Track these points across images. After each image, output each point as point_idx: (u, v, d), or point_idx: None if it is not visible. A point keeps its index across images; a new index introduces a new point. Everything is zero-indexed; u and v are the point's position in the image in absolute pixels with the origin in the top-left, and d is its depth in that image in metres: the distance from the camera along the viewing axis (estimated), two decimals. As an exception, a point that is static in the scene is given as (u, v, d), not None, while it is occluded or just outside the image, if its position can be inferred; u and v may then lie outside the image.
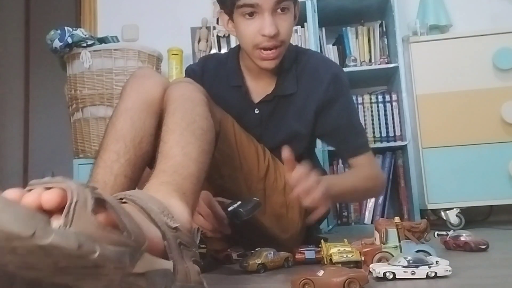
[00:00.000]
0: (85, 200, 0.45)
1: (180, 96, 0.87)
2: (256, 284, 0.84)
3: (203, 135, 0.81)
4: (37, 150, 3.70)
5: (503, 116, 1.91)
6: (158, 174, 0.72)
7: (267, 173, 1.15)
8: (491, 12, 2.37)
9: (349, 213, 2.20)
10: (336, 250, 0.88)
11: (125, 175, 0.84)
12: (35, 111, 3.76)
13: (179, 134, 0.78)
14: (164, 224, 0.58)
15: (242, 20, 1.10)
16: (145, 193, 0.65)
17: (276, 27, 1.07)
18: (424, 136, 1.98)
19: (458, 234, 1.14)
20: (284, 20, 1.10)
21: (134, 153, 0.86)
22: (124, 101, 0.92)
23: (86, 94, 2.06)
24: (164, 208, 0.60)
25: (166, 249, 0.57)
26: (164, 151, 0.76)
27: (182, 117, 0.82)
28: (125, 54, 2.06)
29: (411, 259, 0.77)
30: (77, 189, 0.45)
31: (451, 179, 1.92)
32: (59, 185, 0.46)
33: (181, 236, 0.60)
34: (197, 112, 0.84)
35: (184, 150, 0.76)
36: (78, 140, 2.10)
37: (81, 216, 0.44)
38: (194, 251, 0.62)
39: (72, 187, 0.45)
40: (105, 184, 0.81)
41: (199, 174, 0.75)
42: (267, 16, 1.07)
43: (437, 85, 2.00)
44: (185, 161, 0.74)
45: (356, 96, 2.26)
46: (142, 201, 0.59)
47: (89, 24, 2.66)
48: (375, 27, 2.32)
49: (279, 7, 1.08)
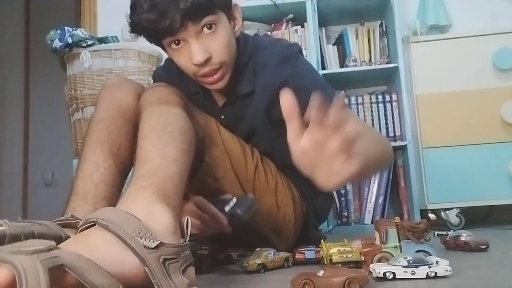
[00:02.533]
0: (38, 280, 0.41)
1: (155, 100, 0.86)
2: (256, 284, 0.84)
3: (182, 135, 0.80)
4: (37, 150, 3.70)
5: (503, 116, 1.91)
6: (135, 180, 0.70)
7: (256, 174, 1.12)
8: (491, 12, 2.37)
9: (349, 213, 2.19)
10: (336, 250, 0.88)
11: (106, 183, 0.84)
12: (35, 111, 3.76)
13: (155, 137, 0.77)
14: (141, 248, 0.56)
15: (171, 51, 1.01)
16: (120, 211, 0.62)
17: (205, 51, 0.96)
18: (424, 136, 1.98)
19: (458, 234, 1.14)
20: (214, 39, 0.97)
21: (114, 161, 0.87)
22: (98, 113, 0.93)
23: (86, 94, 2.06)
24: (140, 227, 0.58)
25: (149, 275, 0.55)
26: (141, 157, 0.75)
27: (157, 120, 0.80)
28: (125, 54, 2.06)
29: (411, 259, 0.77)
30: (25, 270, 0.41)
31: (451, 179, 1.92)
32: (5, 265, 0.42)
33: (164, 252, 0.58)
34: (173, 113, 0.83)
35: (162, 152, 0.74)
36: (78, 140, 2.10)
37: None
38: (183, 257, 0.61)
39: (19, 268, 0.41)
40: (86, 195, 0.81)
41: (180, 174, 0.74)
42: (192, 44, 0.96)
43: (437, 85, 2.00)
44: (163, 163, 0.73)
45: (356, 96, 2.26)
46: (116, 226, 0.57)
47: (89, 24, 2.65)
48: (375, 27, 2.32)
49: (203, 27, 0.96)
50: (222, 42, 0.99)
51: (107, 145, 0.88)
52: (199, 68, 0.99)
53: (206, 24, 0.96)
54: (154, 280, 0.55)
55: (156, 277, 0.56)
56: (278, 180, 1.16)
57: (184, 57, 0.99)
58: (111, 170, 0.86)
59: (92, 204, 0.80)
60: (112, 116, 0.91)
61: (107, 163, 0.86)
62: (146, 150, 0.75)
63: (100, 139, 0.88)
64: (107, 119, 0.91)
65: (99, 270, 0.49)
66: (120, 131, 0.90)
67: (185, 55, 0.98)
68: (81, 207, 0.79)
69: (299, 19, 2.26)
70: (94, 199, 0.80)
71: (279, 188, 1.15)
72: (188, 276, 0.61)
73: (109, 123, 0.90)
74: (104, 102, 0.94)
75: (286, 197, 1.17)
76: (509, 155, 1.89)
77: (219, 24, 0.98)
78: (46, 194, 3.56)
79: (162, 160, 0.73)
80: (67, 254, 0.48)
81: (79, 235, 0.60)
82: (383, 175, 2.17)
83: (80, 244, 0.56)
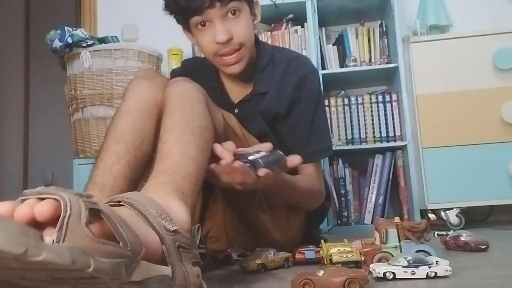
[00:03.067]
0: (79, 212, 0.44)
1: (178, 95, 0.87)
2: (256, 284, 0.84)
3: (202, 134, 0.81)
4: (37, 150, 3.70)
5: (503, 116, 1.91)
6: (157, 174, 0.72)
7: None
8: (491, 12, 2.37)
9: (349, 213, 2.20)
10: (336, 250, 0.88)
11: (124, 176, 0.84)
12: (35, 111, 3.76)
13: (177, 134, 0.78)
14: (162, 228, 0.58)
15: (197, 31, 1.12)
16: (143, 195, 0.64)
17: (228, 32, 1.08)
18: (424, 136, 1.98)
19: (458, 234, 1.14)
20: (237, 23, 1.10)
21: (135, 155, 0.86)
22: (126, 103, 0.93)
23: (86, 94, 2.06)
24: (162, 211, 0.60)
25: (165, 253, 0.57)
26: (163, 151, 0.76)
27: (180, 116, 0.82)
28: (125, 54, 2.06)
29: (411, 259, 0.77)
30: (71, 200, 0.44)
31: (451, 179, 1.92)
32: (52, 196, 0.45)
33: (179, 239, 0.59)
34: (195, 110, 0.84)
35: (183, 149, 0.76)
36: (78, 140, 2.10)
37: (75, 229, 0.43)
38: (194, 252, 0.62)
39: (66, 198, 0.44)
40: (104, 186, 0.81)
41: (198, 173, 0.76)
42: (217, 24, 1.08)
43: (437, 85, 2.00)
44: (184, 161, 0.74)
45: (356, 96, 2.26)
46: (140, 205, 0.59)
47: (89, 24, 2.66)
48: (375, 27, 2.32)
49: (229, 11, 1.09)
50: (244, 27, 1.12)
51: (131, 138, 0.87)
52: (220, 47, 1.10)
53: (231, 9, 1.09)
54: (169, 259, 0.57)
55: (171, 257, 0.57)
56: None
57: (208, 37, 1.11)
58: (131, 164, 0.85)
59: (108, 196, 0.80)
60: (139, 109, 0.91)
61: (128, 156, 0.85)
62: (168, 145, 0.77)
63: (124, 131, 0.88)
64: (133, 111, 0.90)
65: (129, 227, 0.51)
66: (145, 126, 0.90)
67: (209, 35, 1.10)
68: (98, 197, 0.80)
69: (299, 19, 2.26)
70: (111, 192, 0.80)
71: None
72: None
73: (135, 116, 0.90)
74: (134, 93, 0.94)
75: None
76: (509, 155, 1.90)
77: (243, 12, 1.12)
78: (46, 194, 3.56)
79: (183, 158, 0.75)
80: (105, 205, 0.51)
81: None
82: (383, 175, 2.17)
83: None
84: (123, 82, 2.01)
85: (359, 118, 2.24)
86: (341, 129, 2.23)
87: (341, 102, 2.26)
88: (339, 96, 2.31)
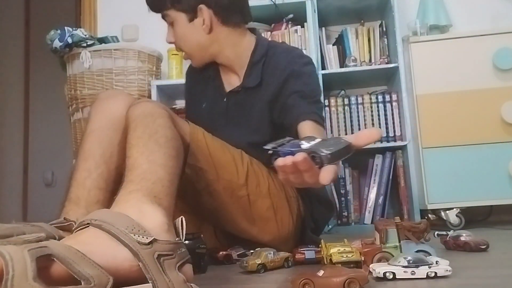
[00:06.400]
0: (24, 268, 0.42)
1: (139, 114, 0.87)
2: (256, 284, 0.84)
3: (168, 142, 0.81)
4: (37, 150, 3.70)
5: (503, 116, 1.91)
6: (126, 185, 0.71)
7: (248, 178, 1.13)
8: (491, 12, 2.37)
9: (349, 213, 2.19)
10: (336, 250, 0.88)
11: (99, 188, 0.85)
12: (35, 111, 3.76)
13: (142, 145, 0.78)
14: (135, 244, 0.57)
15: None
16: (112, 212, 0.63)
17: (170, 37, 1.28)
18: (424, 136, 1.98)
19: (458, 234, 1.14)
20: (174, 31, 1.27)
21: (106, 167, 0.88)
22: (90, 124, 0.95)
23: (86, 94, 2.06)
24: (134, 225, 0.59)
25: (143, 270, 0.56)
26: (130, 164, 0.76)
27: (143, 130, 0.82)
28: (125, 54, 2.06)
29: (411, 259, 0.77)
30: (13, 258, 0.42)
31: (451, 179, 1.92)
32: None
33: (158, 248, 0.58)
34: (158, 123, 0.84)
35: (149, 158, 0.76)
36: (78, 140, 2.10)
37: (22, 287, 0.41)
38: (180, 253, 0.61)
39: (6, 257, 0.42)
40: (79, 199, 0.83)
41: (170, 177, 0.75)
42: (168, 28, 1.29)
43: (437, 85, 2.00)
44: (152, 168, 0.74)
45: (356, 96, 2.26)
46: (109, 224, 0.57)
47: (89, 24, 2.65)
48: (375, 27, 2.32)
49: (164, 19, 1.27)
50: (178, 35, 1.27)
51: (99, 153, 0.89)
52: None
53: (164, 18, 1.27)
54: (148, 275, 0.56)
55: (150, 272, 0.56)
56: (270, 182, 1.17)
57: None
58: (103, 176, 0.87)
59: (85, 208, 0.82)
60: (104, 126, 0.93)
61: (100, 169, 0.87)
62: (134, 157, 0.76)
63: (91, 149, 0.90)
64: (98, 129, 0.93)
65: (87, 261, 0.49)
66: (112, 140, 0.92)
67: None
68: (74, 211, 0.81)
69: (299, 19, 2.25)
70: (87, 203, 0.82)
71: (272, 189, 1.16)
72: (185, 272, 0.62)
73: (100, 133, 0.92)
74: (96, 113, 0.97)
75: (280, 199, 1.17)
76: (509, 155, 1.89)
77: (178, 21, 1.25)
78: (46, 194, 3.56)
79: (150, 165, 0.74)
80: (56, 245, 0.49)
81: (72, 235, 0.61)
82: (383, 175, 2.17)
83: (72, 240, 0.57)
84: (123, 82, 2.01)
85: (359, 118, 2.23)
86: (341, 129, 2.23)
87: (341, 102, 2.26)
88: (339, 96, 2.30)
